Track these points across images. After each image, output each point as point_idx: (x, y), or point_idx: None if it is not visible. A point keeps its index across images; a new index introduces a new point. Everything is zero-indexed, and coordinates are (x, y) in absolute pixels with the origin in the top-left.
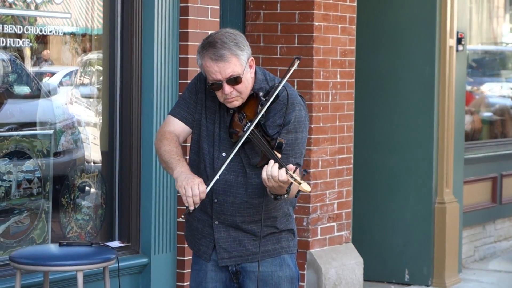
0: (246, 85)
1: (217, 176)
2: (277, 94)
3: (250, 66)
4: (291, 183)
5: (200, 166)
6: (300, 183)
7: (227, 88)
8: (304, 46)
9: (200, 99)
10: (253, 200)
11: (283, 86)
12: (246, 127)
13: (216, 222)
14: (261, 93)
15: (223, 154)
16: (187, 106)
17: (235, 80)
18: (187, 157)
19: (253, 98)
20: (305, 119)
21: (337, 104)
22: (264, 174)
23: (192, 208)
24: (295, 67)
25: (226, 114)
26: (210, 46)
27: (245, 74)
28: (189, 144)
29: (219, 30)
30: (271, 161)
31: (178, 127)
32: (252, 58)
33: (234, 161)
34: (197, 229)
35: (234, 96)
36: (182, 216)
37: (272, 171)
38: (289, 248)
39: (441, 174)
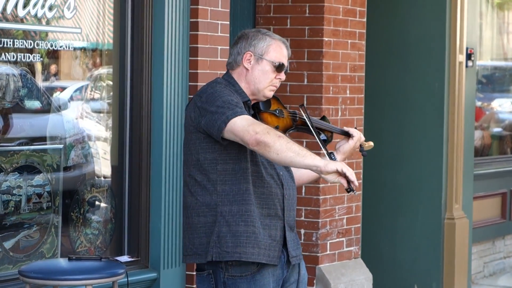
0: None
1: (323, 147)
2: None
3: None
4: (360, 146)
5: (261, 172)
6: (365, 142)
7: (283, 74)
8: (314, 61)
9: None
10: (296, 192)
11: None
12: (305, 116)
13: (285, 222)
14: None
15: None
16: (244, 110)
17: (287, 71)
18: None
19: (272, 99)
20: None
21: (347, 119)
22: (357, 134)
23: (357, 183)
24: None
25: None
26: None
27: None
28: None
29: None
30: (351, 128)
31: None
32: None
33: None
34: (270, 236)
35: (277, 86)
36: (354, 191)
37: (359, 132)
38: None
39: (450, 189)
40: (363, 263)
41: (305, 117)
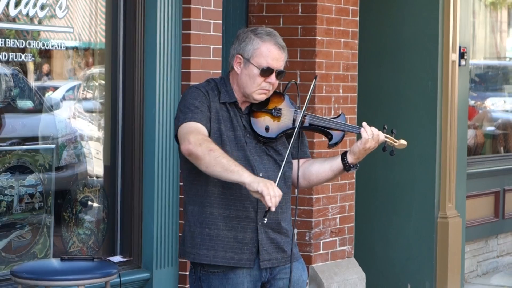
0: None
1: (281, 173)
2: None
3: None
4: (384, 144)
5: None
6: (396, 141)
7: (274, 78)
8: (307, 60)
9: (214, 108)
10: (287, 195)
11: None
12: (301, 113)
13: (260, 224)
14: (278, 90)
15: (252, 155)
16: (204, 115)
17: (281, 74)
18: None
19: (274, 95)
20: None
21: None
22: (366, 135)
23: (274, 209)
24: (313, 86)
25: (240, 118)
26: (271, 34)
27: None
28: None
29: (264, 27)
30: (365, 124)
31: (207, 134)
32: None
33: (265, 160)
34: (235, 239)
35: (269, 89)
36: (265, 219)
37: (373, 130)
38: (299, 252)
39: (443, 188)
40: (356, 262)
41: (305, 118)
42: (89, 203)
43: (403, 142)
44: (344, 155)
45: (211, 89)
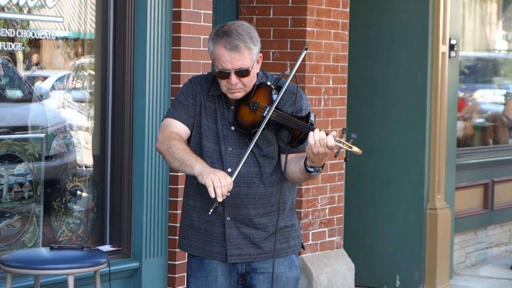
0: (252, 79)
1: (241, 164)
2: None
3: (258, 62)
4: (338, 150)
5: None
6: (351, 147)
7: (234, 78)
8: (297, 51)
9: (199, 101)
10: (267, 190)
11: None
12: (267, 109)
13: (228, 218)
14: (268, 82)
15: (229, 149)
16: (186, 109)
17: (243, 73)
18: None
19: (261, 88)
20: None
21: (330, 109)
22: (311, 140)
23: (220, 199)
24: (302, 56)
25: (226, 111)
26: (225, 34)
27: (253, 69)
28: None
29: (235, 21)
30: (316, 129)
31: (181, 129)
32: (261, 54)
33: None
34: (206, 231)
35: (238, 88)
36: (211, 211)
37: (320, 135)
38: (295, 247)
39: (433, 180)
40: (345, 253)
41: (272, 114)
42: (79, 192)
43: (356, 149)
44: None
45: (205, 80)
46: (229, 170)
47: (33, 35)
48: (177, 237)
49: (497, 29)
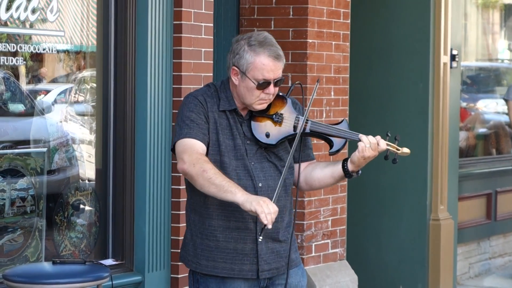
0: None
1: (279, 187)
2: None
3: None
4: (386, 152)
5: None
6: (398, 149)
7: (273, 88)
8: (298, 63)
9: (212, 118)
10: (287, 202)
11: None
12: (299, 120)
13: (259, 233)
14: (281, 93)
15: (252, 163)
16: (201, 128)
17: (280, 82)
18: None
19: (277, 99)
20: None
21: (331, 121)
22: (363, 144)
23: (270, 226)
24: (316, 88)
25: (239, 125)
26: (266, 44)
27: None
28: None
29: (258, 32)
30: (362, 135)
31: (204, 149)
32: None
33: (266, 167)
34: (235, 250)
35: (269, 99)
36: (261, 237)
37: (371, 140)
38: (300, 257)
39: (435, 190)
40: (348, 264)
41: (307, 124)
42: (81, 206)
43: (406, 150)
44: (345, 162)
45: (210, 96)
46: (260, 184)
47: (35, 49)
48: (179, 251)
49: (499, 38)
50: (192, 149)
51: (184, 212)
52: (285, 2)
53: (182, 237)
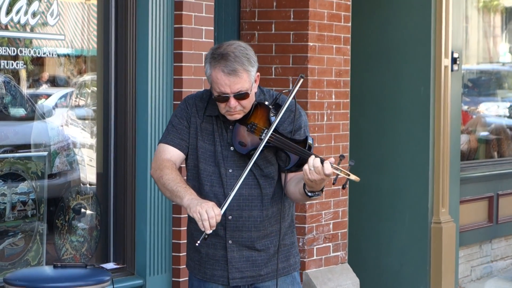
0: (251, 100)
1: (233, 193)
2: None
3: (255, 81)
4: (336, 177)
5: (203, 189)
6: (349, 174)
7: (233, 102)
8: (299, 66)
9: (194, 123)
10: (268, 211)
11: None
12: (265, 132)
13: (230, 242)
14: (266, 102)
15: (230, 171)
16: (179, 133)
17: (242, 96)
18: None
19: (259, 108)
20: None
21: (332, 124)
22: (306, 167)
23: (209, 232)
24: (298, 86)
25: (224, 131)
26: (222, 58)
27: (252, 90)
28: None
29: (231, 42)
30: (312, 156)
31: (174, 154)
32: (258, 73)
33: (245, 176)
34: (207, 255)
35: (238, 110)
36: (198, 242)
37: (315, 163)
38: (296, 265)
39: (437, 193)
40: (350, 268)
41: (269, 137)
42: (82, 210)
43: (353, 177)
44: None
45: (202, 100)
46: (233, 194)
47: (35, 53)
48: (180, 254)
49: (500, 41)
50: (161, 154)
51: (185, 215)
52: (286, 5)
53: (183, 241)
